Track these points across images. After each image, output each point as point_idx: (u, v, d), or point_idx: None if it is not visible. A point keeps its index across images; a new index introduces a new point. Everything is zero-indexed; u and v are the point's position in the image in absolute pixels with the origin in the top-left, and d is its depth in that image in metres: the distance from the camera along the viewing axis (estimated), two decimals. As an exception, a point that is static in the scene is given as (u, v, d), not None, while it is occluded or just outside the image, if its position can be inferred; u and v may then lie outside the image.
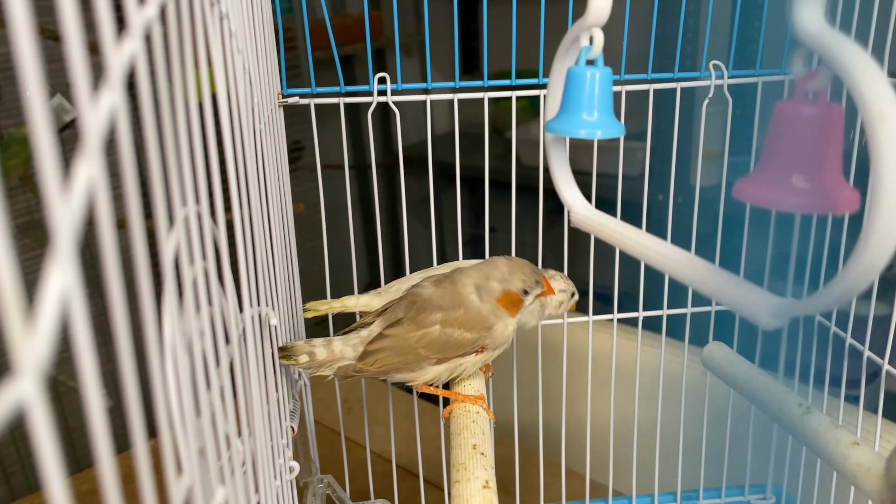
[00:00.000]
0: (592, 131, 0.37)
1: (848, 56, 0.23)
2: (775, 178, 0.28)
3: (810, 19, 0.25)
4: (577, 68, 0.37)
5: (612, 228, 0.38)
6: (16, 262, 0.12)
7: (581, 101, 0.37)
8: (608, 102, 0.38)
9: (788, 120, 0.28)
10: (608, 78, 0.37)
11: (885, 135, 0.22)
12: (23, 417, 0.12)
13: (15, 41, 0.12)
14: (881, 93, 0.22)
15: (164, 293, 0.21)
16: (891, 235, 0.22)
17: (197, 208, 0.23)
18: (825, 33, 0.25)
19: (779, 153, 0.28)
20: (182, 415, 0.21)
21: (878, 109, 0.22)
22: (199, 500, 0.21)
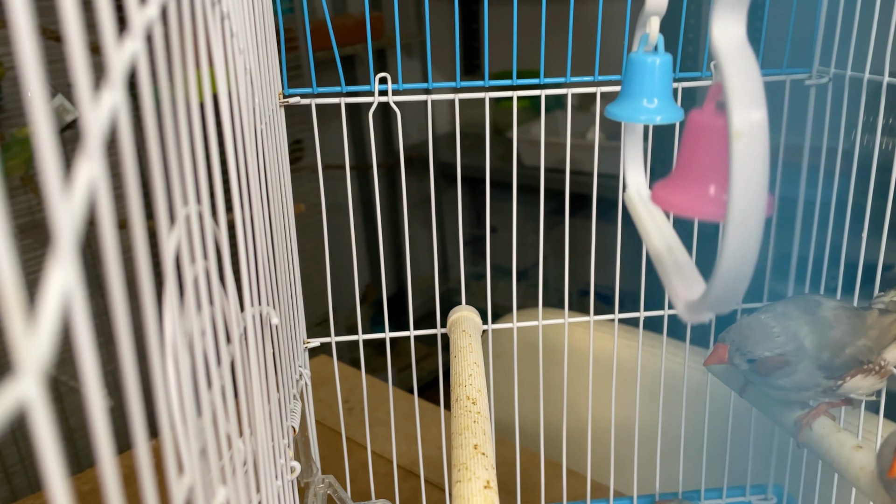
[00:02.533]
0: (652, 117, 0.38)
1: (734, 73, 0.24)
2: (689, 186, 0.29)
3: (726, 29, 0.26)
4: (636, 55, 0.38)
5: (647, 215, 0.39)
6: (17, 262, 0.12)
7: (641, 87, 0.38)
8: (668, 89, 0.38)
9: (700, 129, 0.29)
10: (668, 65, 0.38)
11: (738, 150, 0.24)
12: (24, 417, 0.12)
13: (17, 42, 0.12)
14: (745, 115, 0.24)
15: (164, 292, 0.21)
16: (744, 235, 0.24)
17: (198, 208, 0.23)
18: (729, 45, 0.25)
19: (692, 161, 0.29)
20: (183, 414, 0.21)
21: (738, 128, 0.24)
22: (201, 500, 0.21)
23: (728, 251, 0.24)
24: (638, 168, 0.43)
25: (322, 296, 0.67)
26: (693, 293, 0.31)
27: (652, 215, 0.40)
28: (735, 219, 0.24)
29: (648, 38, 0.38)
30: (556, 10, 0.71)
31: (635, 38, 0.40)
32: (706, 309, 0.28)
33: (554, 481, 0.81)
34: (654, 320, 0.70)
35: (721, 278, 0.25)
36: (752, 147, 0.24)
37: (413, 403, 0.70)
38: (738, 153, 0.24)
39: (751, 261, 0.25)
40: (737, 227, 0.24)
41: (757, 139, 0.24)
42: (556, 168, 1.49)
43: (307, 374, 0.62)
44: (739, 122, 0.24)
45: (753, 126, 0.24)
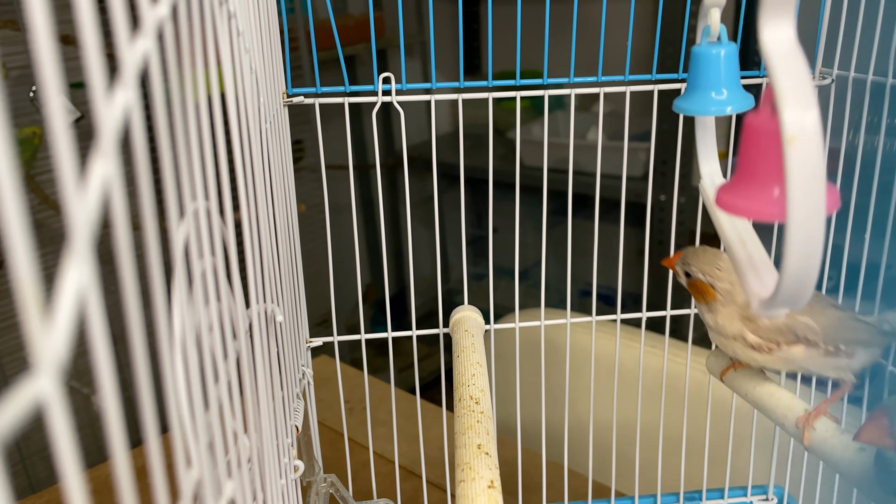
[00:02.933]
0: (722, 108, 0.38)
1: (783, 77, 0.25)
2: (753, 188, 0.29)
3: (775, 32, 0.26)
4: (699, 48, 0.38)
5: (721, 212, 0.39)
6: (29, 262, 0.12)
7: (708, 79, 0.38)
8: (735, 78, 0.38)
9: (757, 132, 0.29)
10: (733, 54, 0.38)
11: (793, 154, 0.24)
12: (27, 416, 0.12)
13: (34, 44, 0.12)
14: (797, 119, 0.24)
15: (173, 286, 0.21)
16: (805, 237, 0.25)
17: (206, 205, 0.23)
18: (778, 49, 0.25)
19: (755, 164, 0.29)
20: (191, 407, 0.21)
21: (791, 133, 0.24)
22: (208, 494, 0.22)
23: (792, 251, 0.25)
24: (712, 159, 0.43)
25: (323, 296, 0.67)
26: (767, 289, 0.31)
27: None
28: (795, 220, 0.25)
29: (710, 29, 0.38)
30: (558, 10, 0.71)
31: (697, 31, 0.40)
32: (778, 306, 0.29)
33: (555, 481, 0.81)
34: (656, 321, 0.70)
35: (788, 277, 0.26)
36: (806, 151, 0.24)
37: (414, 404, 0.70)
38: (792, 157, 0.24)
39: (816, 259, 0.25)
40: (798, 228, 0.25)
41: (809, 142, 0.24)
42: (557, 168, 1.49)
43: (310, 374, 0.62)
44: (792, 126, 0.24)
45: (805, 130, 0.24)
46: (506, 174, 0.72)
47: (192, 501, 0.21)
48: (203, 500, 0.22)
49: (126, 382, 0.24)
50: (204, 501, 0.22)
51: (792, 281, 0.26)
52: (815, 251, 0.25)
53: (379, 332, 0.68)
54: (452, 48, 2.09)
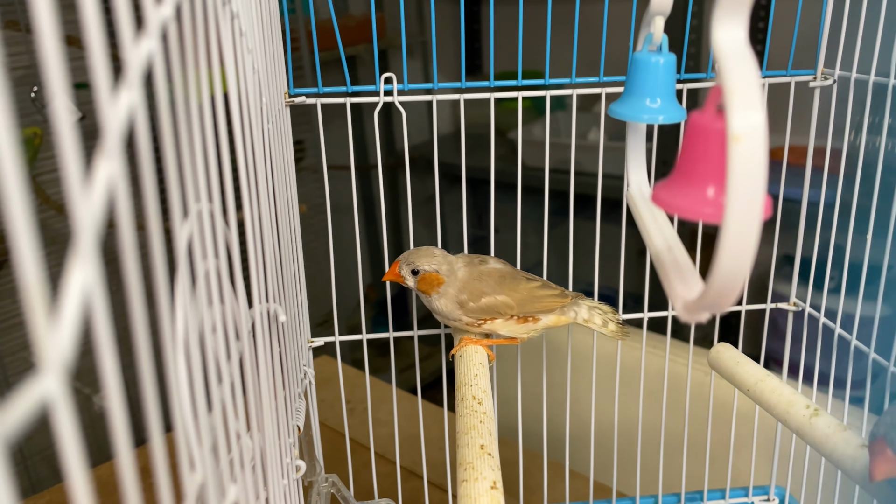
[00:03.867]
0: (654, 116, 0.38)
1: (733, 76, 0.25)
2: (690, 187, 0.29)
3: (726, 32, 0.26)
4: (640, 54, 0.38)
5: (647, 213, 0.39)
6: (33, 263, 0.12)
7: (644, 86, 0.38)
8: (671, 88, 0.38)
9: (700, 131, 0.29)
10: (671, 65, 0.38)
11: (736, 153, 0.24)
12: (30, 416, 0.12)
13: (41, 45, 0.12)
14: (744, 118, 0.24)
15: (176, 287, 0.21)
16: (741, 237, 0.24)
17: (209, 206, 0.23)
18: (729, 48, 0.25)
19: (692, 163, 0.29)
20: (195, 409, 0.21)
21: (737, 132, 0.24)
22: (212, 497, 0.22)
23: (725, 253, 0.25)
24: (640, 167, 0.44)
25: (324, 296, 0.67)
26: (692, 293, 0.31)
27: (653, 214, 0.40)
28: (732, 221, 0.24)
29: (653, 37, 0.38)
30: (560, 10, 0.71)
31: (640, 37, 0.40)
32: (703, 309, 0.29)
33: (556, 482, 0.81)
34: (658, 321, 0.70)
35: (718, 280, 0.25)
36: (750, 151, 0.24)
37: (415, 404, 0.70)
38: (736, 156, 0.24)
39: (747, 263, 0.25)
40: (733, 229, 0.24)
41: (755, 143, 0.24)
42: (558, 168, 1.49)
43: (311, 374, 0.62)
44: (738, 125, 0.24)
45: (752, 129, 0.24)
46: (507, 174, 0.72)
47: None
48: (207, 503, 0.22)
49: (129, 382, 0.24)
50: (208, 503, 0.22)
51: (720, 283, 0.26)
52: (748, 251, 0.25)
53: (380, 333, 0.68)
54: (454, 48, 2.09)
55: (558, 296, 0.60)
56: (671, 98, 0.39)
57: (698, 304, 0.28)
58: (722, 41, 0.26)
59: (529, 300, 0.59)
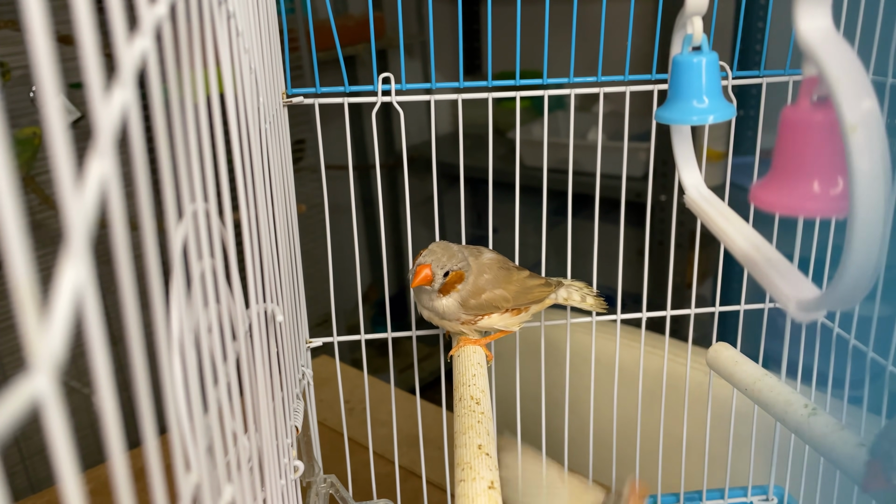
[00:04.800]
0: (704, 117, 0.37)
1: (834, 66, 0.24)
2: (791, 184, 0.28)
3: (813, 22, 0.25)
4: (681, 56, 0.38)
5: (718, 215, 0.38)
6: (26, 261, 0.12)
7: (690, 88, 0.37)
8: (717, 86, 0.38)
9: (797, 125, 0.28)
10: (714, 63, 0.38)
11: (855, 144, 0.23)
12: (29, 415, 0.12)
13: (31, 44, 0.12)
14: (856, 106, 0.23)
15: (171, 287, 0.21)
16: (871, 230, 0.24)
17: (205, 206, 0.23)
18: (821, 38, 0.25)
19: (792, 159, 0.28)
20: (190, 410, 0.21)
21: (852, 121, 0.23)
22: (207, 498, 0.21)
23: (855, 246, 0.24)
24: (692, 169, 0.43)
25: (323, 296, 0.67)
26: (801, 290, 0.30)
27: (724, 215, 0.39)
28: (860, 213, 0.23)
29: (692, 37, 0.38)
30: (558, 10, 0.71)
31: (676, 39, 0.39)
32: (829, 307, 0.27)
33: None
34: (657, 321, 0.70)
35: (849, 274, 0.25)
36: (870, 138, 0.23)
37: (414, 404, 0.70)
38: (856, 146, 0.23)
39: (877, 255, 0.24)
40: (862, 221, 0.23)
41: (872, 129, 0.23)
42: (557, 168, 1.49)
43: (309, 374, 0.62)
44: (852, 115, 0.23)
45: (866, 117, 0.23)
46: (506, 174, 0.72)
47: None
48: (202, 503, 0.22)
49: (125, 383, 0.24)
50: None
51: (853, 277, 0.24)
52: (879, 245, 0.24)
53: (379, 333, 0.68)
54: (452, 48, 2.09)
55: (544, 285, 0.61)
56: (718, 96, 0.38)
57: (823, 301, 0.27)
58: (809, 32, 0.25)
59: (523, 292, 0.59)
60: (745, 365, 0.55)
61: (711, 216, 0.39)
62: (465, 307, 0.58)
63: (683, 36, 0.38)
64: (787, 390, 0.52)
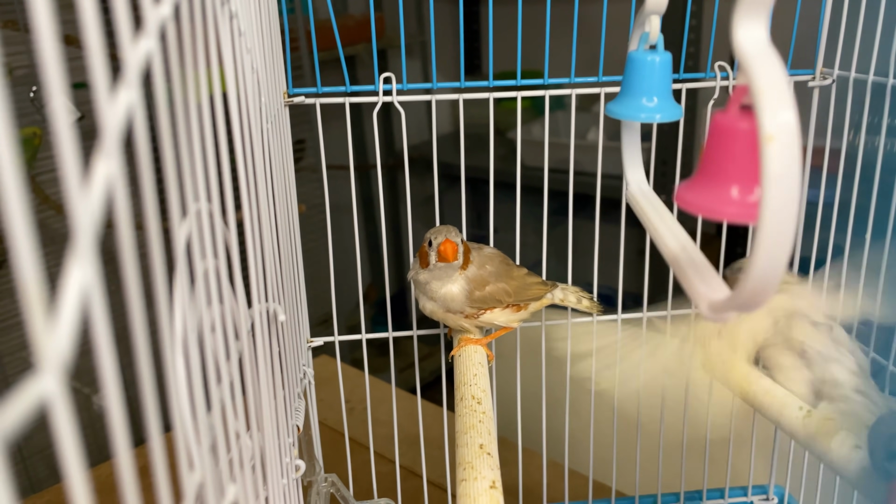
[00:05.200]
0: (651, 115, 0.38)
1: (761, 76, 0.24)
2: (713, 187, 0.29)
3: (748, 32, 0.26)
4: (636, 53, 0.38)
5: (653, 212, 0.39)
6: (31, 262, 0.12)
7: (641, 85, 0.38)
8: (667, 87, 0.38)
9: (723, 130, 0.29)
10: (667, 63, 0.38)
11: (770, 153, 0.24)
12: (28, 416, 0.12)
13: (39, 45, 0.12)
14: (775, 117, 0.24)
15: (175, 286, 0.21)
16: (777, 238, 0.24)
17: (208, 206, 0.23)
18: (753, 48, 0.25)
19: (716, 163, 0.29)
20: (193, 409, 0.21)
21: (769, 131, 0.24)
22: (211, 496, 0.22)
23: (761, 252, 0.24)
24: (637, 166, 0.43)
25: (323, 296, 0.67)
26: (714, 291, 0.31)
27: (659, 214, 0.40)
28: (769, 221, 0.24)
29: (649, 36, 0.38)
30: (559, 10, 0.71)
31: (634, 36, 0.40)
32: (734, 308, 0.28)
33: (556, 481, 0.81)
34: (657, 321, 0.70)
35: (754, 279, 0.25)
36: (784, 149, 0.24)
37: (415, 403, 0.70)
38: (771, 156, 0.24)
39: (783, 262, 0.25)
40: (770, 228, 0.24)
41: (788, 141, 0.24)
42: (557, 168, 1.49)
43: (311, 374, 0.62)
44: (770, 125, 0.24)
45: (784, 128, 0.24)
46: (506, 174, 0.72)
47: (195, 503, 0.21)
48: (206, 503, 0.22)
49: (128, 382, 0.24)
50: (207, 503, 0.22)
51: (756, 282, 0.25)
52: (785, 250, 0.24)
53: (380, 332, 0.68)
54: (453, 48, 2.09)
55: (542, 283, 0.62)
56: (668, 96, 0.39)
57: (729, 303, 0.28)
58: (744, 41, 0.25)
59: (523, 287, 0.60)
60: (737, 367, 0.56)
61: (648, 213, 0.40)
62: (471, 299, 0.58)
63: (641, 33, 0.38)
64: (781, 392, 0.52)
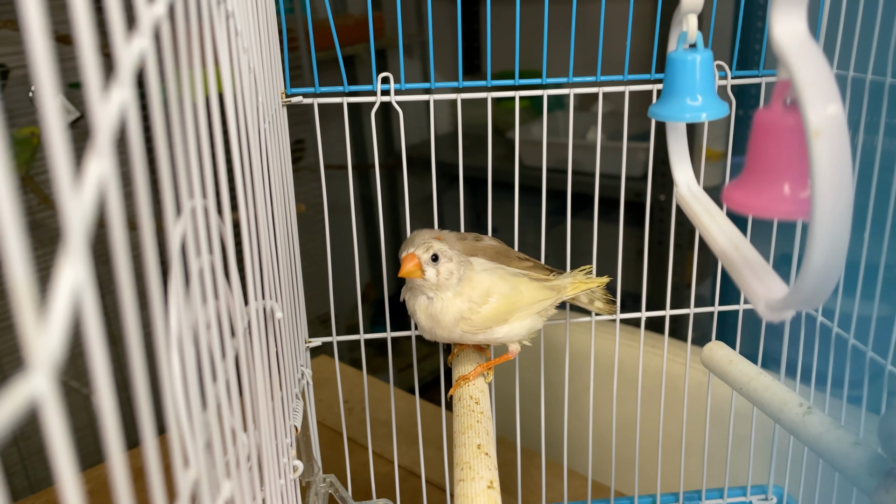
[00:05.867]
0: (697, 114, 0.37)
1: (803, 70, 0.24)
2: (763, 185, 0.29)
3: (787, 26, 0.25)
4: (676, 54, 0.38)
5: (704, 212, 0.39)
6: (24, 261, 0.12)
7: (684, 85, 0.37)
8: (711, 84, 0.38)
9: (769, 128, 0.28)
10: (708, 61, 0.38)
11: (818, 148, 0.23)
12: (28, 415, 0.12)
13: (29, 43, 0.12)
14: (821, 111, 0.23)
15: (170, 284, 0.21)
16: (832, 234, 0.24)
17: (203, 203, 0.23)
18: (794, 42, 0.25)
19: (763, 160, 0.29)
20: (188, 407, 0.21)
21: (816, 126, 0.23)
22: (206, 494, 0.21)
23: (816, 249, 0.24)
24: (686, 166, 0.43)
25: (322, 296, 0.67)
26: (771, 290, 0.30)
27: (710, 213, 0.39)
28: (821, 217, 0.24)
29: (687, 35, 0.38)
30: (558, 10, 0.71)
31: (673, 36, 0.39)
32: (793, 307, 0.28)
33: (555, 481, 0.81)
34: (656, 321, 0.70)
35: (810, 276, 0.25)
36: (832, 143, 0.23)
37: (413, 403, 0.70)
38: (818, 151, 0.23)
39: (840, 257, 0.24)
40: (823, 225, 0.24)
41: (835, 135, 0.23)
42: (556, 168, 1.49)
43: (309, 374, 0.62)
44: (816, 120, 0.23)
45: (830, 122, 0.23)
46: (505, 174, 0.72)
47: (190, 502, 0.21)
48: (201, 501, 0.22)
49: (124, 383, 0.24)
50: (202, 501, 0.22)
51: (814, 280, 0.25)
52: (840, 249, 0.24)
53: (378, 332, 0.68)
54: (452, 48, 2.09)
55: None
56: (712, 94, 0.38)
57: (788, 302, 0.28)
58: (783, 35, 0.25)
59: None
60: (740, 364, 0.55)
61: (698, 213, 0.40)
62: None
63: (679, 33, 0.38)
64: (781, 389, 0.52)
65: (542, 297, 0.58)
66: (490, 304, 0.55)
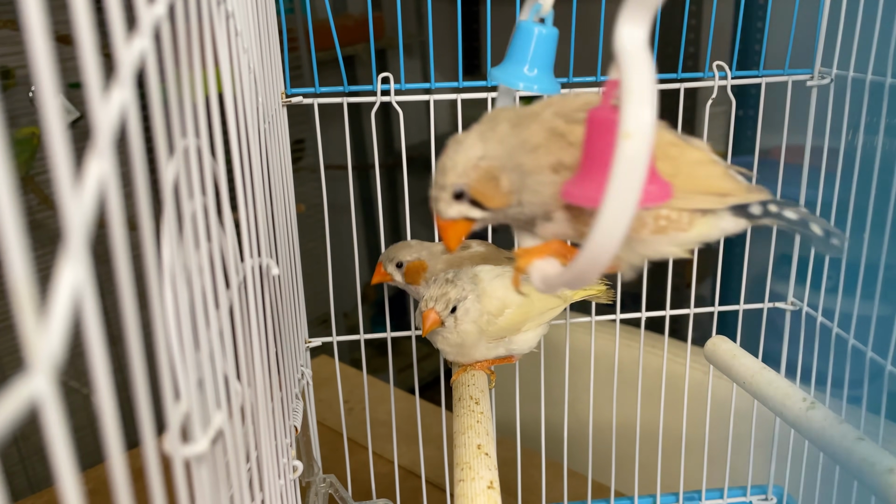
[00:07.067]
0: (530, 85, 0.38)
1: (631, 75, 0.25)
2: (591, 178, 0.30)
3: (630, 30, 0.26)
4: (524, 22, 0.38)
5: None
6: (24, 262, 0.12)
7: (524, 54, 0.38)
8: (549, 61, 0.39)
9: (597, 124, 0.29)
10: (551, 38, 0.38)
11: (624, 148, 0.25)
12: (28, 415, 0.12)
13: (29, 44, 0.12)
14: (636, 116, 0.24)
15: (162, 222, 0.20)
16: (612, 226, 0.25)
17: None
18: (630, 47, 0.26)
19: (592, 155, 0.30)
20: (181, 343, 0.21)
21: (628, 129, 0.24)
22: (197, 425, 0.21)
23: (595, 236, 0.26)
24: None
25: (322, 296, 0.67)
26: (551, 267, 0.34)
27: None
28: (607, 212, 0.25)
29: (541, 8, 0.38)
30: (557, 10, 0.71)
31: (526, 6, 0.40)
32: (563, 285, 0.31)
33: (555, 481, 0.81)
34: (656, 321, 0.70)
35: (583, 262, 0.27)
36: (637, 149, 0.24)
37: (413, 404, 0.70)
38: (623, 152, 0.24)
39: (612, 250, 0.26)
40: (607, 219, 0.25)
41: (643, 142, 0.24)
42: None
43: (309, 374, 0.62)
44: (630, 123, 0.24)
45: (642, 128, 0.24)
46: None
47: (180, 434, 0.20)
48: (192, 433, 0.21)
49: (124, 382, 0.24)
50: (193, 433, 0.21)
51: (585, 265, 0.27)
52: (615, 243, 0.26)
53: (378, 333, 0.68)
54: (452, 48, 2.09)
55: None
56: (548, 70, 0.39)
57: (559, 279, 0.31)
58: (624, 39, 0.26)
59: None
60: (744, 358, 0.55)
61: None
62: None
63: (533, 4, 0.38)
64: (785, 384, 0.52)
65: (553, 306, 0.59)
66: (506, 315, 0.56)
